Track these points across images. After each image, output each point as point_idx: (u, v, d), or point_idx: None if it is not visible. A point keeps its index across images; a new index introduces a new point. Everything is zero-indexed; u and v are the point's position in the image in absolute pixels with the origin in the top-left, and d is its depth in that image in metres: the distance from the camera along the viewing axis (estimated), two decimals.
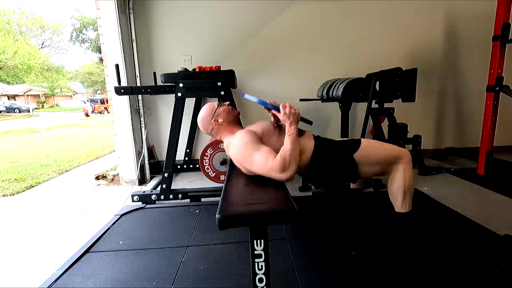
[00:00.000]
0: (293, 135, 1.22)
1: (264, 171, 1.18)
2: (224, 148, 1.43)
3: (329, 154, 1.36)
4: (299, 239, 1.55)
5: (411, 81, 2.28)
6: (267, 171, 1.17)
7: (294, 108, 1.28)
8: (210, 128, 1.42)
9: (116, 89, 2.10)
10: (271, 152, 1.19)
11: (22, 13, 23.96)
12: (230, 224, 0.90)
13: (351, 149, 1.35)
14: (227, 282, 1.23)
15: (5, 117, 16.56)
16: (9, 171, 3.76)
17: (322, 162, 1.35)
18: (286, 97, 3.08)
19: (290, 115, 1.25)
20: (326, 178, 1.41)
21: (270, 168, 1.15)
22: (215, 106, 1.43)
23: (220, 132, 1.42)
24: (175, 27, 2.97)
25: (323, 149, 1.36)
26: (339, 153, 1.36)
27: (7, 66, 20.96)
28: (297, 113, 1.27)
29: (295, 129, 1.25)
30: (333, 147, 1.39)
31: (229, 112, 1.43)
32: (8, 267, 1.52)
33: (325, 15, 3.04)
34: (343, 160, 1.35)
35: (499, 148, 3.02)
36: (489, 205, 1.98)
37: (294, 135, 1.22)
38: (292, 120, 1.25)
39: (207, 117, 1.41)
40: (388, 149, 1.40)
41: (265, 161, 1.17)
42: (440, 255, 1.34)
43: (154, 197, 2.15)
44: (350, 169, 1.35)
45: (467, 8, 3.09)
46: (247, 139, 1.24)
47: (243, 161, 1.24)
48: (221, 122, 1.40)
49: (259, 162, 1.18)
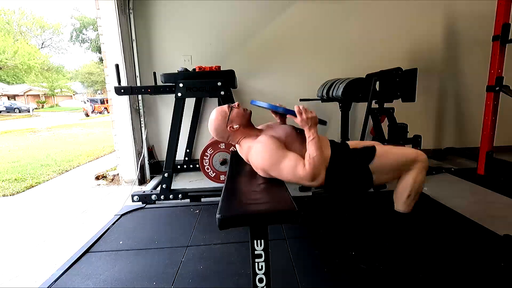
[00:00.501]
0: (316, 139, 1.20)
1: (295, 179, 1.20)
2: (239, 151, 1.39)
3: (345, 165, 1.31)
4: (299, 239, 1.55)
5: (411, 81, 2.28)
6: (298, 180, 1.19)
7: (310, 111, 1.22)
8: (226, 136, 1.34)
9: (116, 89, 2.10)
10: (299, 159, 1.19)
11: (22, 13, 23.95)
12: (230, 224, 0.90)
13: (367, 159, 1.31)
14: (227, 282, 1.23)
15: (5, 117, 16.56)
16: (9, 171, 3.76)
17: (338, 172, 1.30)
18: (286, 97, 3.09)
19: (309, 120, 1.20)
20: (341, 187, 1.36)
21: (301, 177, 1.17)
22: (226, 111, 1.32)
23: (236, 137, 1.35)
24: (175, 27, 2.97)
25: (339, 160, 1.31)
26: (354, 164, 1.31)
27: (7, 66, 20.96)
28: (314, 115, 1.22)
29: (316, 132, 1.22)
30: (349, 157, 1.34)
31: (243, 114, 1.34)
32: (8, 267, 1.52)
33: (325, 15, 3.04)
34: (358, 171, 1.30)
35: (499, 148, 3.02)
36: (489, 205, 1.97)
37: (316, 139, 1.20)
38: (311, 124, 1.21)
39: (221, 125, 1.31)
40: (404, 154, 1.34)
41: (295, 169, 1.17)
42: (440, 255, 1.34)
43: (154, 197, 2.15)
44: (365, 180, 1.31)
45: (467, 8, 3.09)
46: (273, 146, 1.21)
47: (269, 168, 1.21)
48: (236, 128, 1.31)
49: (288, 170, 1.18)
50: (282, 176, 1.21)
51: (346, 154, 1.35)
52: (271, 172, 1.22)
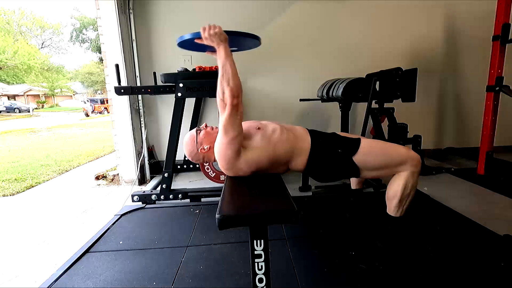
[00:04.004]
0: (223, 58, 1.09)
1: (221, 128, 1.16)
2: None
3: (327, 156, 1.28)
4: (299, 239, 1.55)
5: (411, 81, 2.28)
6: (222, 124, 1.14)
7: (213, 26, 1.12)
8: (201, 158, 1.36)
9: (116, 89, 2.10)
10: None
11: (22, 13, 23.96)
12: (230, 224, 0.90)
13: (350, 151, 1.26)
14: (227, 282, 1.23)
15: (5, 117, 16.56)
16: (9, 171, 3.76)
17: (320, 164, 1.29)
18: (286, 97, 3.09)
19: (213, 36, 1.10)
20: (326, 177, 1.36)
21: (225, 110, 1.11)
22: (194, 135, 1.35)
23: (210, 156, 1.34)
24: (175, 27, 2.97)
25: (320, 151, 1.28)
26: (337, 155, 1.28)
27: (7, 66, 20.96)
28: (219, 31, 1.11)
29: (223, 49, 1.10)
30: (330, 148, 1.29)
31: (210, 134, 1.34)
32: (8, 267, 1.52)
33: (325, 15, 3.04)
34: (341, 161, 1.27)
35: (499, 148, 3.02)
36: (489, 205, 1.97)
37: (223, 58, 1.10)
38: (217, 41, 1.11)
39: (192, 150, 1.34)
40: (391, 154, 1.26)
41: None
42: (440, 255, 1.34)
43: (154, 197, 2.15)
44: (350, 170, 1.29)
45: (467, 8, 3.09)
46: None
47: (218, 156, 1.22)
48: (207, 148, 1.32)
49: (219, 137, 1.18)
50: (221, 149, 1.19)
51: (327, 145, 1.31)
52: (218, 156, 1.22)
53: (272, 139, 1.24)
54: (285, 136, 1.26)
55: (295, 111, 3.16)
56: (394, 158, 1.25)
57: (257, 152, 1.21)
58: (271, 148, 1.23)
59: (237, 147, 1.17)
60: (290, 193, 1.07)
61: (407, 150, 1.28)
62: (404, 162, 1.24)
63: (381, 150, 1.29)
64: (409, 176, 1.24)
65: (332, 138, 1.36)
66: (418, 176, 1.28)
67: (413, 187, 1.26)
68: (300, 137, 1.30)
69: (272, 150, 1.23)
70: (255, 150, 1.21)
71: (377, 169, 1.28)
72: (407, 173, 1.24)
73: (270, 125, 1.31)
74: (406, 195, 1.26)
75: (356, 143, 1.29)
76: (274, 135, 1.25)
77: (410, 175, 1.24)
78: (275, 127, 1.29)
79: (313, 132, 1.35)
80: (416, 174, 1.26)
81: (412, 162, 1.25)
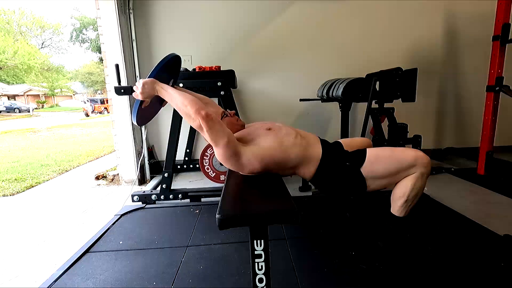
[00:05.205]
0: (166, 95, 1.20)
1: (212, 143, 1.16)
2: None
3: (335, 169, 1.27)
4: (299, 239, 1.55)
5: (411, 81, 2.28)
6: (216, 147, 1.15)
7: (138, 83, 1.24)
8: None
9: (116, 89, 2.09)
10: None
11: (22, 13, 23.93)
12: (230, 224, 0.89)
13: (357, 163, 1.24)
14: (227, 282, 1.23)
15: (5, 117, 16.55)
16: (9, 171, 3.76)
17: (327, 175, 1.27)
18: (286, 97, 3.09)
19: (143, 89, 1.22)
20: (332, 189, 1.35)
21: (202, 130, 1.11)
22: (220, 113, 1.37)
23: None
24: (175, 27, 2.97)
25: (329, 160, 1.27)
26: (345, 168, 1.26)
27: (7, 66, 20.94)
28: (143, 83, 1.22)
29: (160, 89, 1.21)
30: (339, 161, 1.28)
31: (232, 124, 1.34)
32: (8, 267, 1.52)
33: (325, 15, 3.04)
34: (349, 175, 1.25)
35: (499, 148, 3.02)
36: (489, 205, 1.97)
37: (165, 95, 1.20)
38: (151, 90, 1.22)
39: None
40: (399, 158, 1.21)
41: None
42: (440, 255, 1.34)
43: (154, 197, 2.15)
44: (356, 184, 1.26)
45: (467, 8, 3.09)
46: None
47: (224, 164, 1.21)
48: None
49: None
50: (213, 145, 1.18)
51: (337, 156, 1.30)
52: (223, 163, 1.22)
53: (284, 142, 1.24)
54: (298, 141, 1.26)
55: (295, 111, 3.16)
56: (403, 162, 1.21)
57: (266, 150, 1.21)
58: (282, 150, 1.22)
59: (233, 149, 1.16)
60: (290, 193, 1.07)
61: (415, 152, 1.24)
62: (413, 165, 1.20)
63: (388, 156, 1.25)
64: (418, 178, 1.21)
65: (339, 150, 1.35)
66: (427, 178, 1.24)
67: (421, 188, 1.24)
68: (312, 145, 1.29)
69: (283, 152, 1.22)
70: (264, 148, 1.21)
71: (386, 176, 1.24)
72: (416, 174, 1.21)
73: (284, 128, 1.31)
74: (414, 196, 1.23)
75: (362, 153, 1.27)
76: (287, 139, 1.25)
77: (419, 176, 1.21)
78: (290, 131, 1.29)
79: (324, 142, 1.35)
80: (425, 176, 1.22)
81: (422, 164, 1.20)
